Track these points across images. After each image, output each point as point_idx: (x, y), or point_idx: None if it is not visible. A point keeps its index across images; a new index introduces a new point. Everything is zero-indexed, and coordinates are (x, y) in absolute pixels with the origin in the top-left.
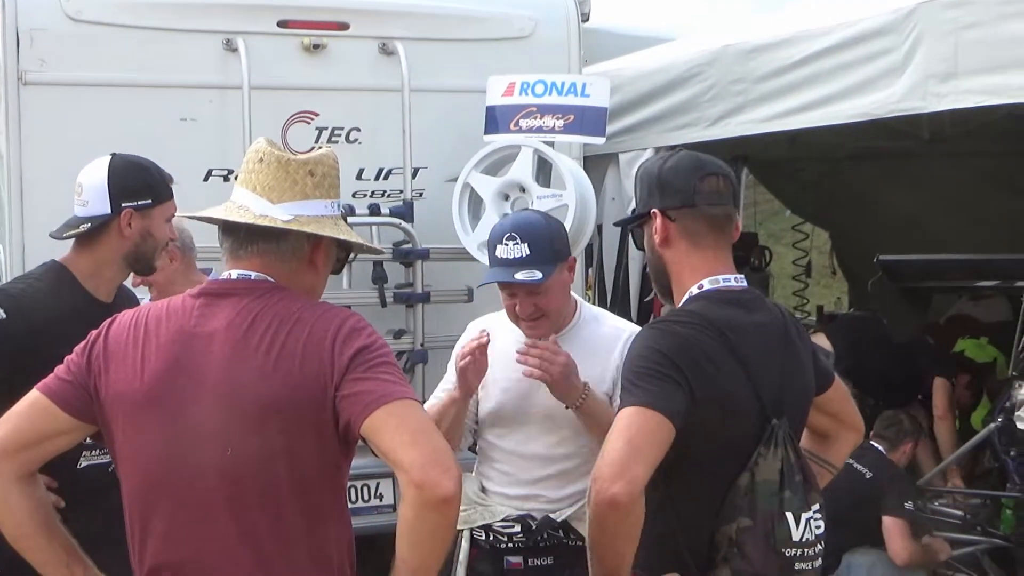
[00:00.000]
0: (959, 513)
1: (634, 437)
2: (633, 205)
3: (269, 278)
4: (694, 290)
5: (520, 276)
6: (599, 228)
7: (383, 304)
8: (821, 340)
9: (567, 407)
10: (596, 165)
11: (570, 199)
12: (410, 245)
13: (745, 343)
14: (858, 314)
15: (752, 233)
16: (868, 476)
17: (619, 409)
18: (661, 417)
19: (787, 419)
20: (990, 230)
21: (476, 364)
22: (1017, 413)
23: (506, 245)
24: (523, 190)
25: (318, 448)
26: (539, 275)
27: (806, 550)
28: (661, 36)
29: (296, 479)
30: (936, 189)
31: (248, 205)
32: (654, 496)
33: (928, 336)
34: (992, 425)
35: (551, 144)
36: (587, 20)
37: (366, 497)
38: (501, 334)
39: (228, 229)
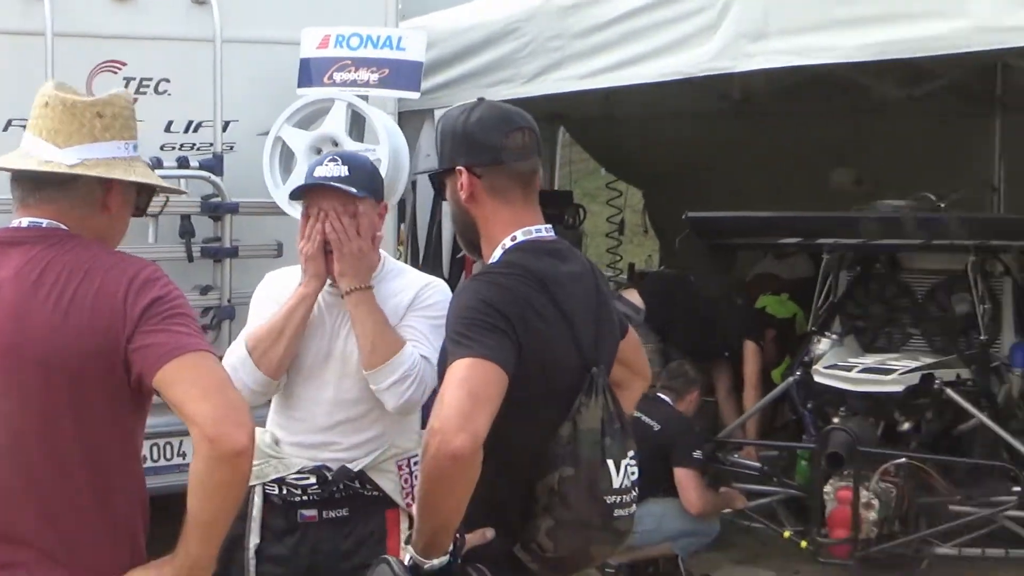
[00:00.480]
0: (757, 465)
1: (474, 388)
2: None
3: (62, 226)
4: (507, 242)
5: (338, 184)
6: (413, 184)
7: (190, 259)
8: (633, 296)
9: (345, 292)
10: (411, 120)
11: (383, 154)
12: (219, 199)
13: (564, 293)
14: (667, 272)
15: (567, 191)
16: (657, 428)
17: (451, 361)
18: (497, 368)
19: (604, 365)
20: (796, 189)
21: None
22: (815, 367)
23: (326, 166)
24: (336, 144)
25: (108, 403)
26: (353, 190)
27: (624, 496)
28: None
29: (84, 435)
30: (745, 149)
31: (33, 151)
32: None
33: (734, 293)
34: (791, 379)
35: (365, 98)
36: None
37: (168, 455)
38: (294, 279)
39: (16, 177)
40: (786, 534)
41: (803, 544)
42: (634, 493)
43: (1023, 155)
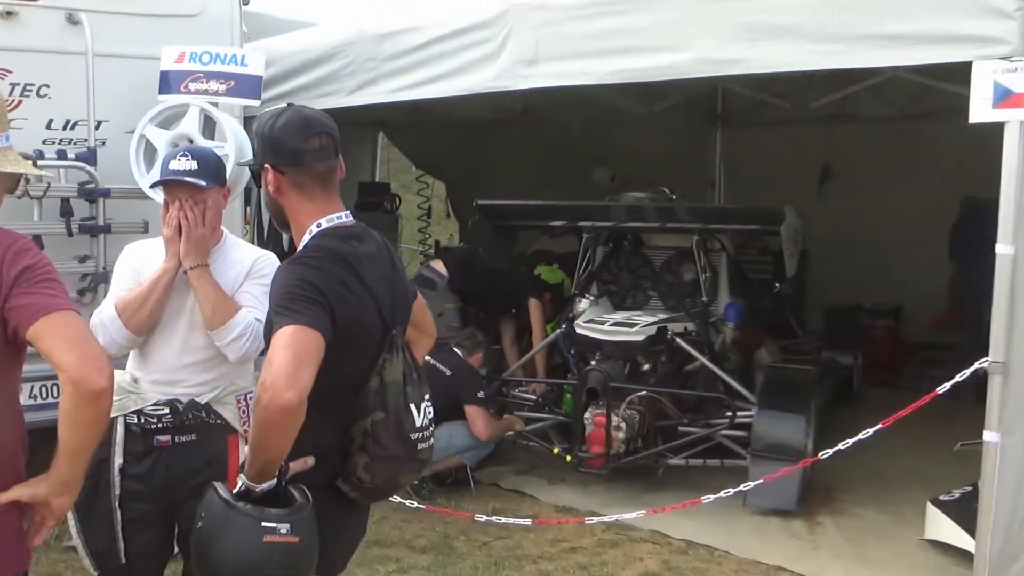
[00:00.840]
0: (532, 397)
1: (298, 351)
2: None
3: None
4: (314, 228)
5: (188, 179)
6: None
7: (69, 234)
8: (439, 266)
9: (188, 268)
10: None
11: (230, 150)
12: (93, 185)
13: (365, 269)
14: (465, 247)
15: (386, 183)
16: (448, 374)
17: (276, 329)
18: (316, 333)
19: (401, 327)
20: (565, 183)
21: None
22: (577, 322)
23: (179, 160)
24: (191, 141)
25: None
26: (202, 182)
27: (424, 432)
28: (309, 21)
29: None
30: (524, 152)
31: None
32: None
33: (517, 264)
34: (558, 331)
35: (215, 104)
36: (247, 3)
37: (44, 395)
38: (158, 254)
39: None
40: (555, 451)
41: (568, 458)
42: (432, 429)
43: (737, 160)
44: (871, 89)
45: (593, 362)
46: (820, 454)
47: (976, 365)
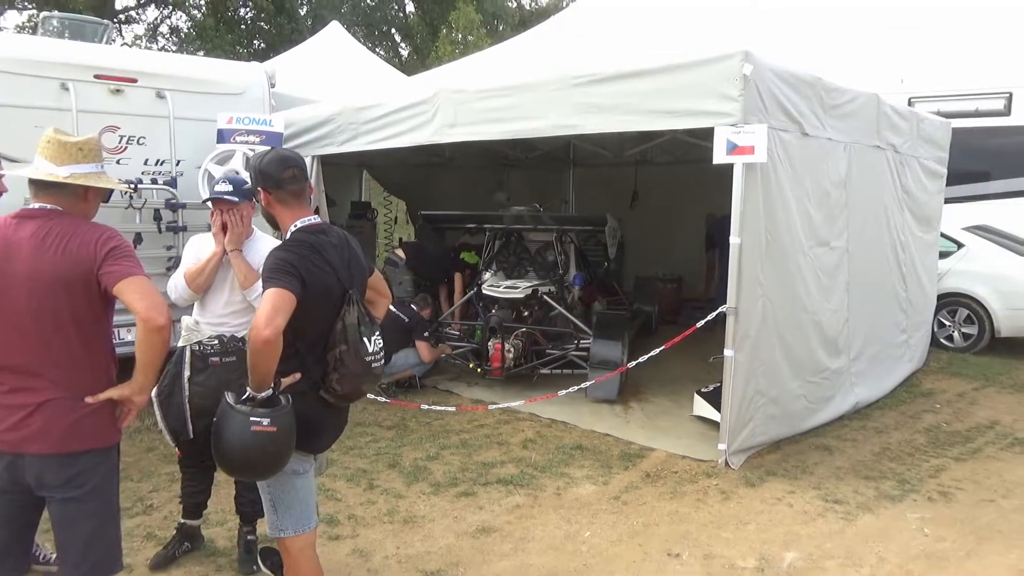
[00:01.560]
0: (457, 333)
1: (276, 304)
2: None
3: (59, 208)
4: (292, 228)
5: (225, 196)
6: None
7: (159, 232)
8: (400, 252)
9: (229, 251)
10: None
11: None
12: (175, 200)
13: (327, 252)
14: (416, 241)
15: (368, 202)
16: (407, 320)
17: (264, 290)
18: (289, 293)
19: (356, 289)
20: (477, 201)
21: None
22: (483, 286)
23: (220, 185)
24: (237, 172)
25: (88, 303)
26: (235, 199)
27: (376, 356)
28: (316, 98)
29: (76, 319)
30: (452, 181)
31: (40, 167)
32: (293, 336)
33: (450, 251)
34: (471, 292)
35: (254, 150)
36: (274, 86)
37: (123, 336)
38: (209, 244)
39: (31, 180)
40: (471, 365)
41: (479, 370)
42: (381, 352)
43: (585, 190)
44: (660, 145)
45: (493, 311)
46: (630, 363)
47: (720, 309)
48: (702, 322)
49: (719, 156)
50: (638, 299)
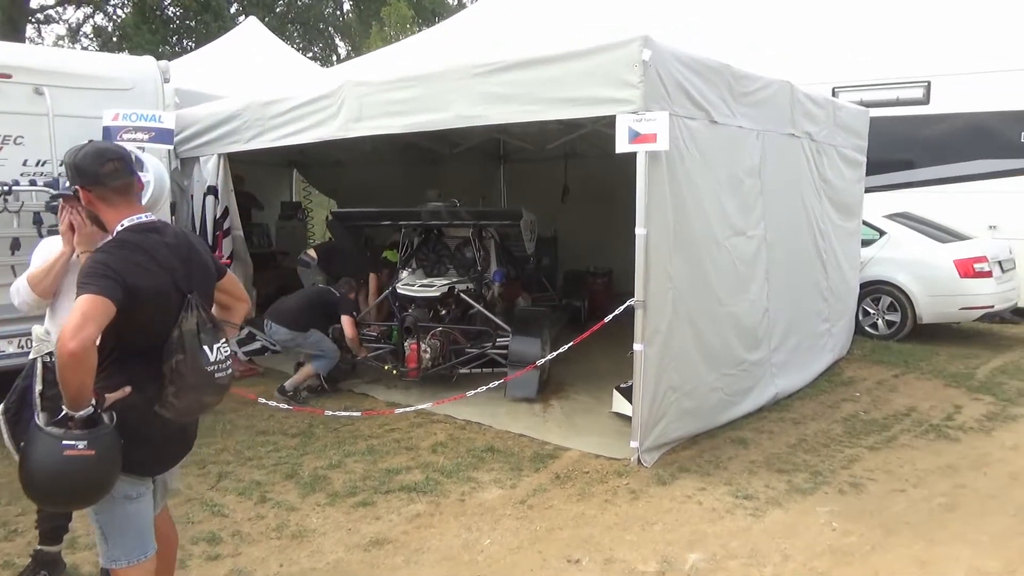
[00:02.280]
0: (374, 335)
1: (87, 311)
2: (210, 182)
3: None
4: (118, 228)
5: (70, 193)
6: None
7: (40, 236)
8: (312, 253)
9: (79, 254)
10: (187, 162)
11: (150, 178)
12: (56, 203)
13: (158, 253)
14: (329, 241)
15: (297, 202)
16: (337, 296)
17: (77, 297)
18: (105, 300)
19: (198, 293)
20: (407, 198)
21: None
22: (398, 285)
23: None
24: None
25: None
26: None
27: (220, 365)
28: (223, 94)
29: None
30: (371, 178)
31: None
32: (118, 345)
33: (365, 250)
34: (387, 292)
35: (143, 148)
36: (168, 81)
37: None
38: (60, 243)
39: None
40: (386, 367)
41: (394, 372)
42: (228, 363)
43: (517, 186)
44: (586, 138)
45: (409, 311)
46: (541, 360)
47: (628, 303)
48: (610, 316)
49: (621, 145)
50: (568, 294)
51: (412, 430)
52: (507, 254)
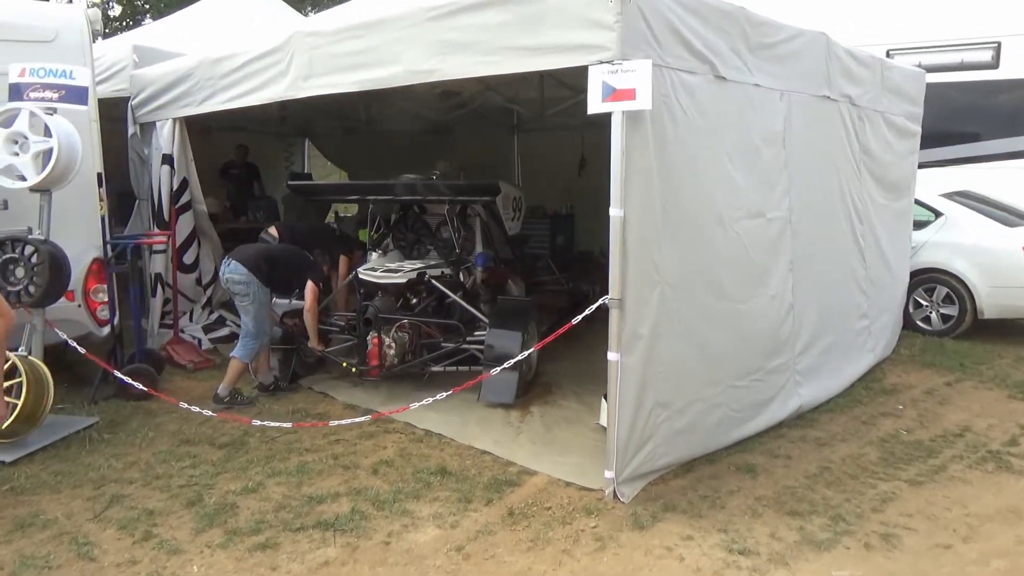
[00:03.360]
0: (341, 324)
1: None
2: (164, 150)
3: None
4: None
5: None
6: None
7: None
8: (273, 231)
9: None
10: (146, 128)
11: (54, 143)
12: None
13: None
14: (293, 221)
15: (308, 174)
16: (309, 260)
17: None
18: None
19: None
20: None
21: None
22: (359, 270)
23: None
24: (25, 137)
25: None
26: None
27: None
28: (183, 51)
29: None
30: (381, 148)
31: None
32: None
33: (331, 228)
34: (350, 277)
35: (54, 109)
36: (99, 32)
37: None
38: None
39: None
40: (344, 364)
41: (353, 370)
42: None
43: (531, 157)
44: None
45: (376, 299)
46: (515, 358)
47: (600, 301)
48: (578, 318)
49: (594, 104)
50: (579, 277)
51: (359, 442)
52: (501, 234)
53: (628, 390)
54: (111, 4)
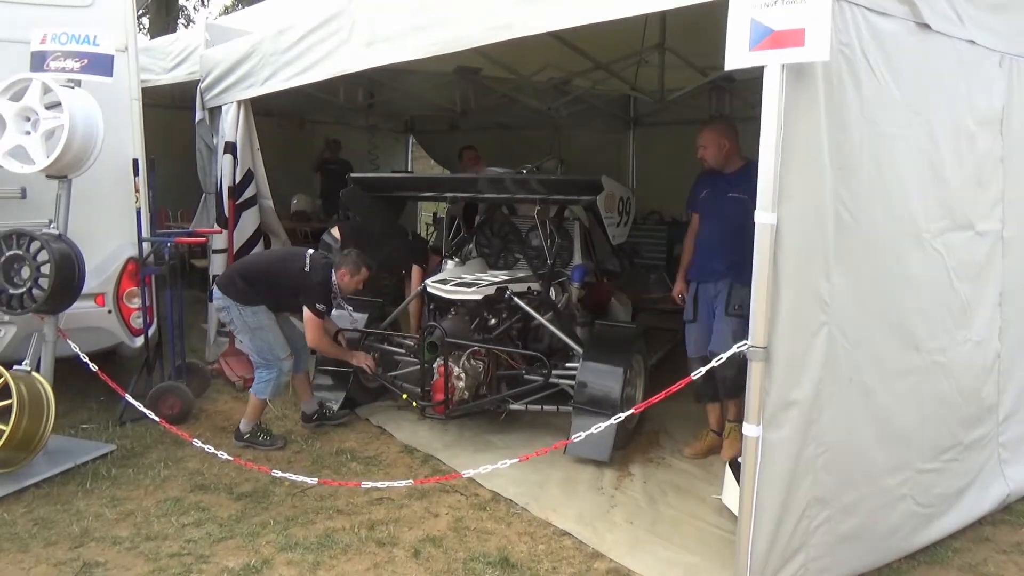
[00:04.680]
0: (412, 345)
1: None
2: (227, 137)
3: None
4: None
5: None
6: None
7: None
8: (336, 232)
9: None
10: (215, 113)
11: (66, 120)
12: None
13: None
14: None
15: (410, 171)
16: (306, 270)
17: None
18: None
19: None
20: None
21: None
22: (428, 282)
23: None
24: (36, 112)
25: None
26: None
27: None
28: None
29: None
30: (502, 147)
31: None
32: None
33: (405, 231)
34: (418, 289)
35: (77, 82)
36: (145, 5)
37: None
38: None
39: None
40: (404, 396)
41: (414, 404)
42: None
43: (648, 154)
44: (737, 92)
45: (449, 316)
46: (615, 418)
47: (734, 349)
48: (700, 372)
49: (737, 54)
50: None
51: (407, 503)
52: (604, 242)
53: (773, 481)
54: None
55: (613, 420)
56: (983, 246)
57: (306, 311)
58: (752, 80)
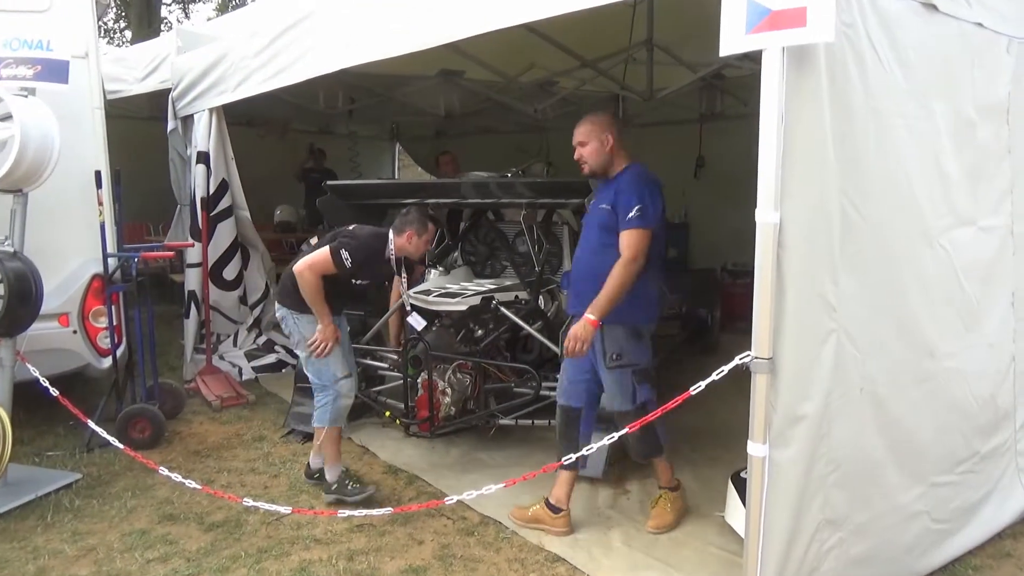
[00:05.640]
0: (394, 358)
1: None
2: (199, 147)
3: None
4: None
5: None
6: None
7: None
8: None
9: None
10: (186, 121)
11: (17, 130)
12: None
13: None
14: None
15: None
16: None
17: None
18: None
19: None
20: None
21: None
22: (408, 292)
23: None
24: None
25: None
26: None
27: None
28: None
29: None
30: (489, 152)
31: None
32: None
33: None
34: (400, 300)
35: (30, 90)
36: (109, 5)
37: None
38: None
39: None
40: (387, 414)
41: (397, 422)
42: None
43: (640, 155)
44: (729, 90)
45: (433, 328)
46: (602, 441)
47: (737, 361)
48: (696, 388)
49: (733, 38)
50: (694, 300)
51: (390, 529)
52: None
53: (781, 502)
54: None
55: (607, 440)
56: (990, 243)
57: (323, 250)
58: (744, 77)
